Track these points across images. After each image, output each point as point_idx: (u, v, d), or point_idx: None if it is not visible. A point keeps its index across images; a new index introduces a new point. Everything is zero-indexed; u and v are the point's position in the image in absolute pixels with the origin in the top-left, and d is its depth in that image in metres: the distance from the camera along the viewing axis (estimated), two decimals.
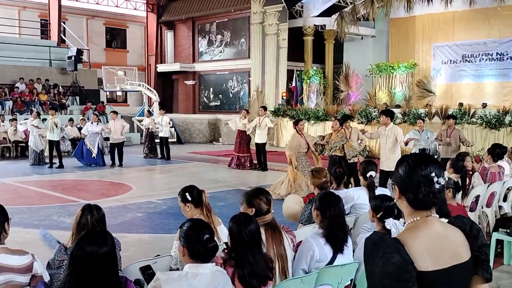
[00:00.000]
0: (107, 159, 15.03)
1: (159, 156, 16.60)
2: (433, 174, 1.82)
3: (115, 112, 15.61)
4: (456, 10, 21.13)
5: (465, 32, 22.15)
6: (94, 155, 14.86)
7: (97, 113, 17.29)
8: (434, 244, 1.77)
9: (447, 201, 4.54)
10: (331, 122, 17.88)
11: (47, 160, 15.02)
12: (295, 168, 9.64)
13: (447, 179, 1.86)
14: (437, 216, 1.87)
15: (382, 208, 3.75)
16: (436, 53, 23.31)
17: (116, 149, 14.84)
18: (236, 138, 14.41)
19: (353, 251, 3.72)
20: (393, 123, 9.18)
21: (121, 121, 15.28)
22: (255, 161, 14.14)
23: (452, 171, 6.66)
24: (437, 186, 1.82)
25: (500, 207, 7.05)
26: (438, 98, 22.08)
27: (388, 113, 8.99)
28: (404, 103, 21.27)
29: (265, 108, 14.61)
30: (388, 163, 8.48)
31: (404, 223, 1.91)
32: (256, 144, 13.96)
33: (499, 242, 5.87)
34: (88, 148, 14.89)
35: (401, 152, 8.66)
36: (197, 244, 2.53)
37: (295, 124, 10.51)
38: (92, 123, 15.34)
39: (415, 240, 1.75)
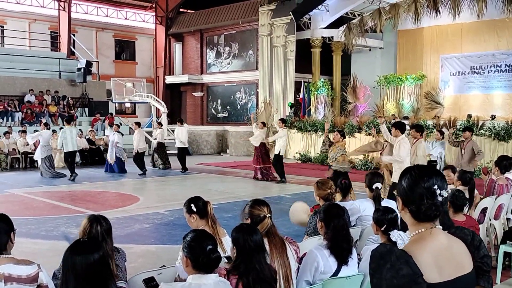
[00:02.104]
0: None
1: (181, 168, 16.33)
2: (435, 187, 1.82)
3: (137, 123, 16.31)
4: (464, 22, 21.12)
5: (473, 43, 22.12)
6: (111, 162, 15.71)
7: (118, 124, 17.80)
8: (440, 256, 1.77)
9: (450, 216, 4.51)
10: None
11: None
12: None
13: (450, 191, 1.85)
14: (441, 227, 1.87)
15: (385, 221, 3.75)
16: (444, 65, 23.26)
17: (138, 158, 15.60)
18: (257, 150, 14.31)
19: (358, 263, 3.71)
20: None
21: (142, 132, 16.11)
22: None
23: (459, 183, 6.63)
24: (439, 198, 1.82)
25: (508, 219, 6.99)
26: (447, 110, 22.00)
27: (397, 125, 8.96)
28: (412, 114, 21.21)
29: (283, 121, 14.37)
30: (395, 174, 8.45)
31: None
32: (276, 155, 13.82)
33: (507, 255, 5.82)
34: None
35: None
36: (200, 255, 2.53)
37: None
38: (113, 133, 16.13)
39: (422, 252, 1.75)
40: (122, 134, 16.81)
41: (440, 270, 1.75)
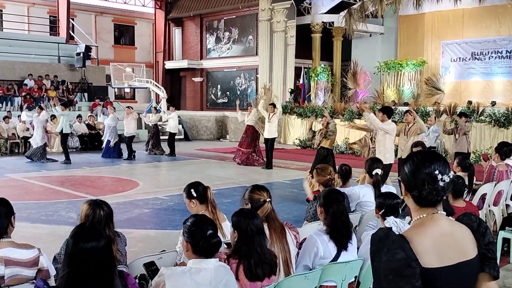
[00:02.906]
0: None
1: (167, 152, 16.63)
2: (436, 172, 1.83)
3: (129, 107, 16.35)
4: (465, 7, 20.98)
5: (474, 29, 22.00)
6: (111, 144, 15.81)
7: (114, 107, 18.10)
8: (440, 241, 1.78)
9: (450, 202, 4.52)
10: (338, 119, 17.94)
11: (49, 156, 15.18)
12: None
13: (452, 176, 1.88)
14: (444, 213, 1.88)
15: (385, 205, 3.77)
16: (445, 51, 23.16)
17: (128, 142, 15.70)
18: (245, 133, 14.50)
19: (358, 248, 3.72)
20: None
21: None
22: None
23: (459, 169, 6.64)
24: (441, 183, 1.83)
25: (507, 205, 7.01)
26: (447, 96, 21.95)
27: (385, 110, 8.97)
28: (412, 101, 21.17)
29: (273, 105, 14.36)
30: (381, 156, 8.44)
31: (410, 221, 1.94)
32: (265, 139, 13.78)
33: (506, 241, 5.85)
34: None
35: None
36: (201, 240, 2.54)
37: None
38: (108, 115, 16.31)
39: (421, 237, 1.76)
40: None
41: (440, 255, 1.75)
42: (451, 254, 1.78)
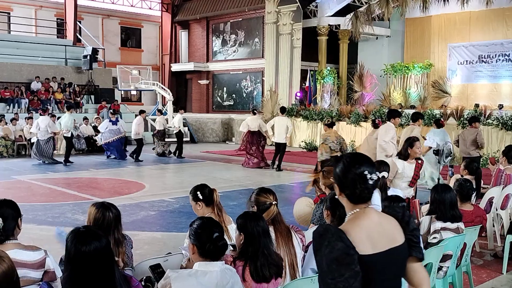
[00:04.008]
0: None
1: (175, 154, 16.68)
2: (365, 172, 2.03)
3: (142, 111, 16.68)
4: (472, 10, 20.92)
5: (481, 32, 21.93)
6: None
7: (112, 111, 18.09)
8: (372, 231, 2.01)
9: (458, 206, 4.49)
10: (344, 122, 17.92)
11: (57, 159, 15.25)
12: None
13: (379, 175, 2.09)
14: (373, 206, 2.10)
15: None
16: (452, 54, 23.10)
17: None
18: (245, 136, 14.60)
19: None
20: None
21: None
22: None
23: (466, 173, 6.60)
24: (370, 182, 2.04)
25: None
26: (454, 99, 21.89)
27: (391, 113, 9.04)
28: (419, 103, 21.11)
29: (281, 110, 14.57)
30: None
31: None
32: (277, 143, 13.95)
33: None
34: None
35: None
36: (207, 242, 2.54)
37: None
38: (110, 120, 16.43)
39: (356, 229, 1.98)
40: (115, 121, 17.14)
41: (373, 243, 1.98)
42: (383, 241, 2.01)
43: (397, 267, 2.08)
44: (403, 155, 6.17)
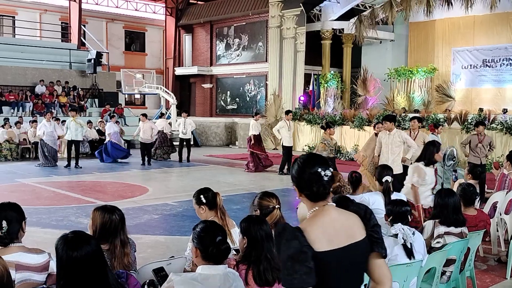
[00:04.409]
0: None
1: (181, 159, 16.61)
2: (319, 170, 2.10)
3: (144, 115, 16.45)
4: (476, 14, 20.91)
5: (485, 36, 21.91)
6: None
7: (114, 114, 18.43)
8: (330, 227, 2.07)
9: (462, 210, 4.48)
10: (348, 126, 17.91)
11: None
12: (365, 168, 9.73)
13: (331, 171, 2.15)
14: (334, 204, 2.16)
15: (393, 213, 3.78)
16: (456, 58, 23.08)
17: (145, 149, 15.91)
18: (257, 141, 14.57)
19: None
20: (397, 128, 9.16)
21: (150, 123, 16.28)
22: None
23: (470, 177, 6.59)
24: (325, 178, 2.11)
25: None
26: (458, 103, 21.85)
27: (392, 118, 8.93)
28: (423, 108, 21.09)
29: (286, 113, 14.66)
30: (395, 166, 8.34)
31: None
32: (285, 147, 13.93)
33: None
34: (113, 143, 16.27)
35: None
36: (210, 246, 2.54)
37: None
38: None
39: (313, 227, 2.05)
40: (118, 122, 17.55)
41: (330, 240, 2.04)
42: (340, 238, 2.06)
43: (357, 262, 2.12)
44: (428, 160, 5.87)
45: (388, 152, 8.58)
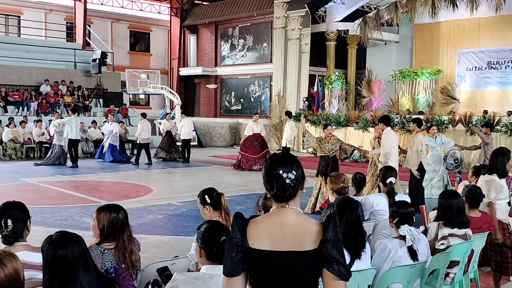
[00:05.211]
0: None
1: (181, 159, 16.75)
2: (281, 172, 2.09)
3: (143, 115, 16.49)
4: (482, 16, 20.84)
5: (491, 38, 21.84)
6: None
7: (113, 114, 18.82)
8: (276, 230, 2.07)
9: (466, 212, 4.47)
10: (352, 128, 17.90)
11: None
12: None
13: (294, 174, 2.10)
14: (296, 207, 2.11)
15: (399, 214, 3.77)
16: (461, 60, 23.02)
17: (143, 148, 15.96)
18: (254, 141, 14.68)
19: (371, 257, 3.70)
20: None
21: (147, 123, 16.32)
22: None
23: (474, 179, 6.56)
24: (287, 181, 2.09)
25: None
26: (462, 105, 21.78)
27: (382, 119, 9.08)
28: (427, 109, 21.04)
29: (286, 113, 14.80)
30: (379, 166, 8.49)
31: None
32: (284, 148, 14.17)
33: None
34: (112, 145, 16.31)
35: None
36: (214, 246, 2.55)
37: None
38: (109, 123, 16.84)
39: (258, 224, 2.10)
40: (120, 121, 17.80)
41: (273, 241, 2.04)
42: (284, 242, 2.04)
43: (297, 271, 2.05)
44: (500, 170, 5.23)
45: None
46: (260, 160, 14.61)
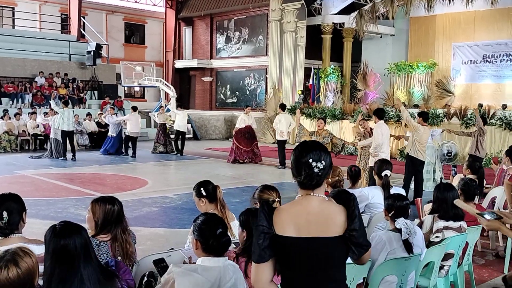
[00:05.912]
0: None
1: (175, 152, 16.78)
2: (310, 160, 2.15)
3: (133, 108, 16.35)
4: (477, 9, 20.85)
5: (486, 32, 21.87)
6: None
7: (112, 107, 18.54)
8: (301, 216, 2.13)
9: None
10: (347, 121, 17.92)
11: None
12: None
13: (323, 164, 2.16)
14: (320, 195, 2.18)
15: (394, 207, 3.78)
16: (456, 53, 23.05)
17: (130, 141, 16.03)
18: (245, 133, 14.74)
19: None
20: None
21: (136, 117, 16.22)
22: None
23: (469, 172, 6.60)
24: (316, 170, 2.15)
25: None
26: (457, 99, 21.84)
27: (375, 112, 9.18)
28: (422, 103, 21.08)
29: (280, 106, 14.84)
30: (371, 159, 8.78)
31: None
32: (279, 141, 14.15)
33: None
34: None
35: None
36: (210, 238, 2.55)
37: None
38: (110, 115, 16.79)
39: (282, 212, 2.16)
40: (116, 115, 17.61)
41: (298, 228, 2.11)
42: (309, 228, 2.11)
43: (323, 257, 2.14)
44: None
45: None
46: (249, 153, 14.65)
